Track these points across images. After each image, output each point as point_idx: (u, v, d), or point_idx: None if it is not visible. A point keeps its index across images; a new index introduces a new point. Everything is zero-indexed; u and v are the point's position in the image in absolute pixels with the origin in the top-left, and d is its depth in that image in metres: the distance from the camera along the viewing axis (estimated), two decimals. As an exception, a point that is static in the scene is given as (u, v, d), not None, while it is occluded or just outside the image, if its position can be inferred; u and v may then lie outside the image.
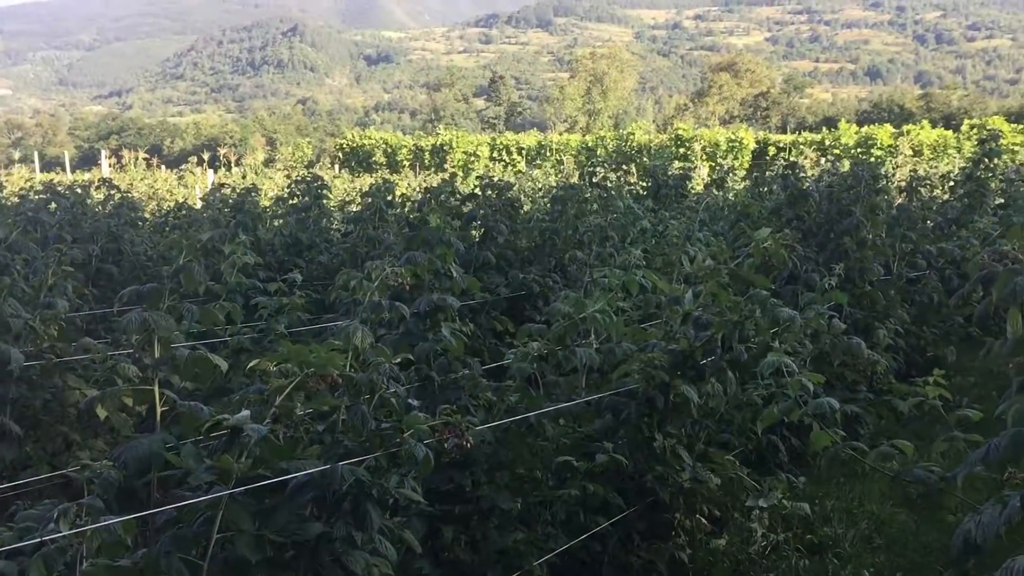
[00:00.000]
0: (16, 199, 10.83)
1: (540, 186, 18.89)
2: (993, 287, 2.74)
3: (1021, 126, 24.53)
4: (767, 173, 12.18)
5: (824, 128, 34.53)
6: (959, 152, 23.89)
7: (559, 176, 19.85)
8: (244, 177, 22.64)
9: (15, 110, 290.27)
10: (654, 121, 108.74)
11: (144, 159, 28.91)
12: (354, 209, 11.21)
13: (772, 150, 27.71)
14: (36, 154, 41.98)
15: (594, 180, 9.88)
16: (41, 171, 34.54)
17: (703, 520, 4.85)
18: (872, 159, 24.36)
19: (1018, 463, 2.36)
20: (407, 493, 3.18)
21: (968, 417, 3.80)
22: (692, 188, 14.17)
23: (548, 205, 10.81)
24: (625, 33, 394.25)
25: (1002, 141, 23.54)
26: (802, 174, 12.42)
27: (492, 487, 4.16)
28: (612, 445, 4.43)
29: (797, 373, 3.93)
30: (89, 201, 10.38)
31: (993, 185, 11.29)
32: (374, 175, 29.87)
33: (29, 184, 14.28)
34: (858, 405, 5.85)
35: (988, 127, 24.52)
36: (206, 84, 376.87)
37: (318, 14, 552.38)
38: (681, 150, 28.93)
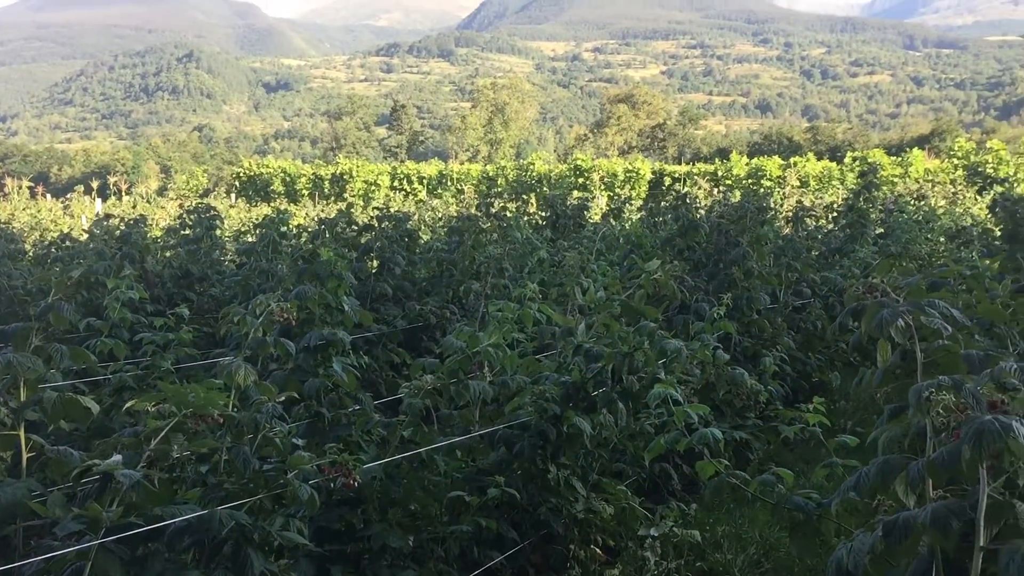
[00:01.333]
0: None
1: (440, 216, 18.89)
2: (862, 319, 2.84)
3: (899, 158, 25.83)
4: (662, 204, 12.46)
5: (717, 159, 35.58)
6: (842, 183, 24.97)
7: (459, 206, 19.89)
8: (135, 206, 21.93)
9: None
10: (555, 151, 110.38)
11: (28, 187, 27.74)
12: (249, 239, 10.99)
13: (668, 180, 28.41)
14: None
15: (492, 211, 9.92)
16: (-85, 200, 32.76)
17: (598, 550, 4.87)
18: (761, 190, 25.25)
19: (886, 490, 2.43)
20: (290, 536, 3.10)
21: (847, 443, 3.94)
22: (590, 218, 14.39)
23: (446, 235, 10.82)
24: (526, 64, 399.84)
25: (881, 173, 24.76)
26: (696, 204, 12.78)
27: (383, 525, 4.09)
28: (504, 479, 4.41)
29: (683, 404, 4.00)
30: (-36, 233, 9.90)
31: (873, 215, 11.82)
32: (272, 204, 29.38)
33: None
34: (747, 431, 5.98)
35: (868, 160, 25.75)
36: (96, 110, 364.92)
37: (215, 40, 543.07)
38: (580, 180, 29.40)
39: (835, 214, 12.40)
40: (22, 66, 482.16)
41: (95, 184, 27.64)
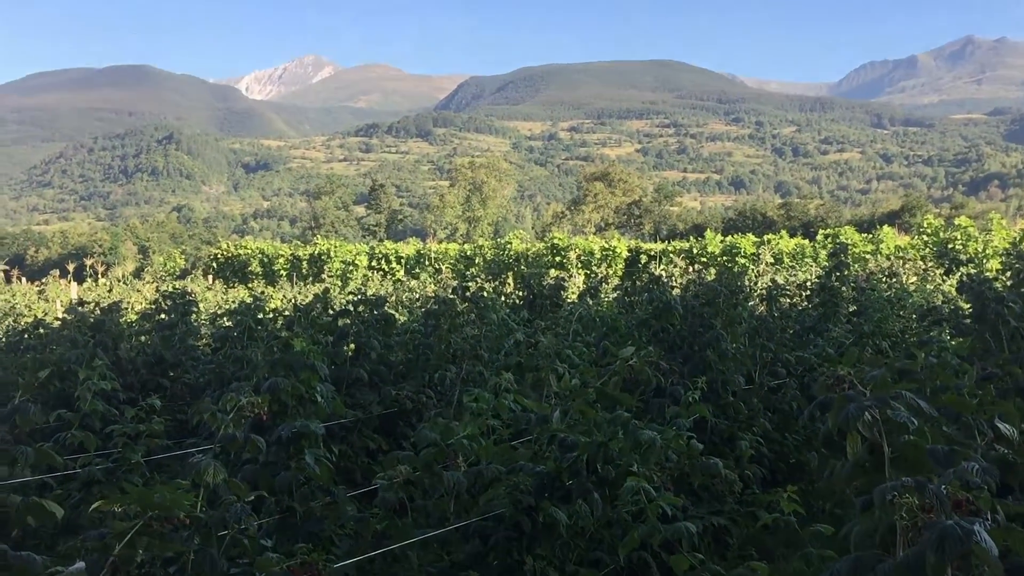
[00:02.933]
0: None
1: (418, 296, 18.92)
2: (830, 413, 2.86)
3: (870, 235, 26.30)
4: (637, 283, 12.55)
5: (693, 236, 36.05)
6: (815, 260, 25.31)
7: (437, 286, 19.95)
8: (110, 290, 21.84)
9: None
10: (533, 228, 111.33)
11: (4, 271, 27.62)
12: (225, 323, 10.93)
13: (644, 258, 28.67)
14: None
15: (467, 293, 9.95)
16: None
17: (576, 643, 4.78)
18: (736, 267, 25.52)
19: (858, 588, 2.41)
20: (258, 642, 3.03)
21: (822, 532, 3.92)
22: (567, 297, 14.45)
23: (423, 318, 10.83)
24: (503, 143, 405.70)
25: (853, 250, 25.15)
26: (671, 282, 12.87)
27: (356, 624, 4.01)
28: (479, 573, 4.35)
29: (658, 496, 3.98)
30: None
31: (845, 293, 11.95)
32: (250, 285, 29.33)
33: None
34: (725, 516, 5.94)
35: (839, 238, 26.16)
36: (75, 192, 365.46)
37: (195, 123, 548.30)
38: (557, 258, 29.62)
39: (808, 292, 12.52)
40: (1, 149, 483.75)
41: (71, 267, 27.56)
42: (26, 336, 10.64)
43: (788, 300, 12.59)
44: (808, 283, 14.23)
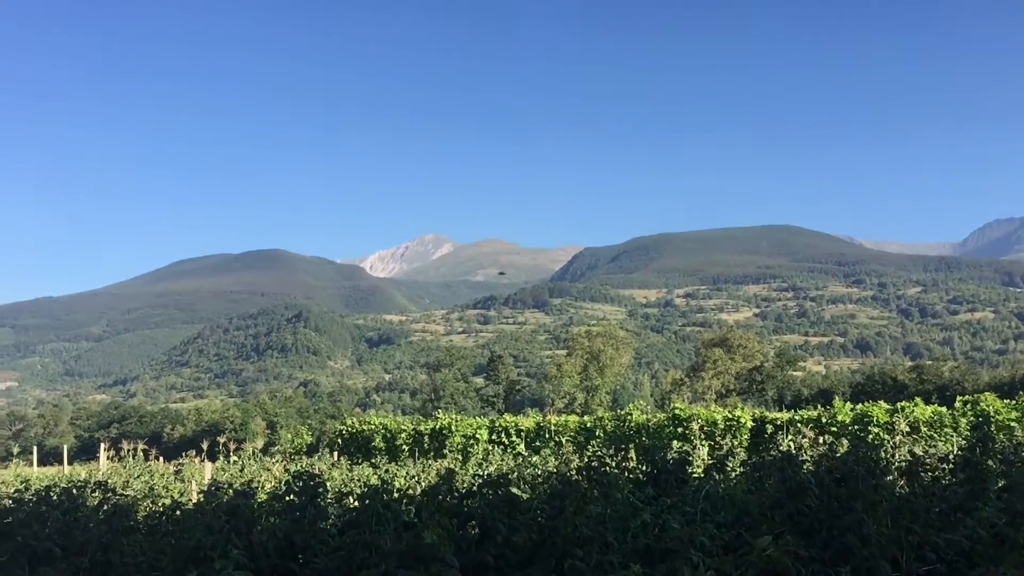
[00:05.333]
0: (9, 501, 10.75)
1: (540, 472, 18.76)
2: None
3: (1014, 401, 24.81)
4: (766, 457, 12.15)
5: (820, 404, 34.86)
6: (955, 430, 23.96)
7: (559, 461, 19.78)
8: (242, 469, 22.51)
9: (19, 402, 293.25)
10: (651, 395, 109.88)
11: (143, 450, 28.90)
12: (352, 502, 11.04)
13: (770, 428, 27.77)
14: (35, 447, 41.88)
15: (593, 476, 9.84)
16: (40, 463, 34.34)
17: None
18: (870, 436, 24.39)
19: None
20: None
21: None
22: (692, 472, 14.08)
23: (547, 493, 10.70)
24: (619, 312, 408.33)
25: (996, 417, 23.72)
26: (802, 456, 12.40)
27: None
28: None
29: None
30: (83, 503, 10.27)
31: (992, 465, 11.23)
32: (374, 461, 29.68)
33: (24, 484, 14.17)
34: None
35: (979, 405, 24.76)
36: (210, 370, 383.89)
37: (322, 300, 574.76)
38: (679, 429, 29.00)
39: (951, 465, 11.85)
40: (145, 331, 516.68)
41: (204, 445, 28.60)
42: (164, 519, 11.03)
43: (930, 475, 11.94)
44: (951, 456, 13.46)
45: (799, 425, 25.55)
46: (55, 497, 10.39)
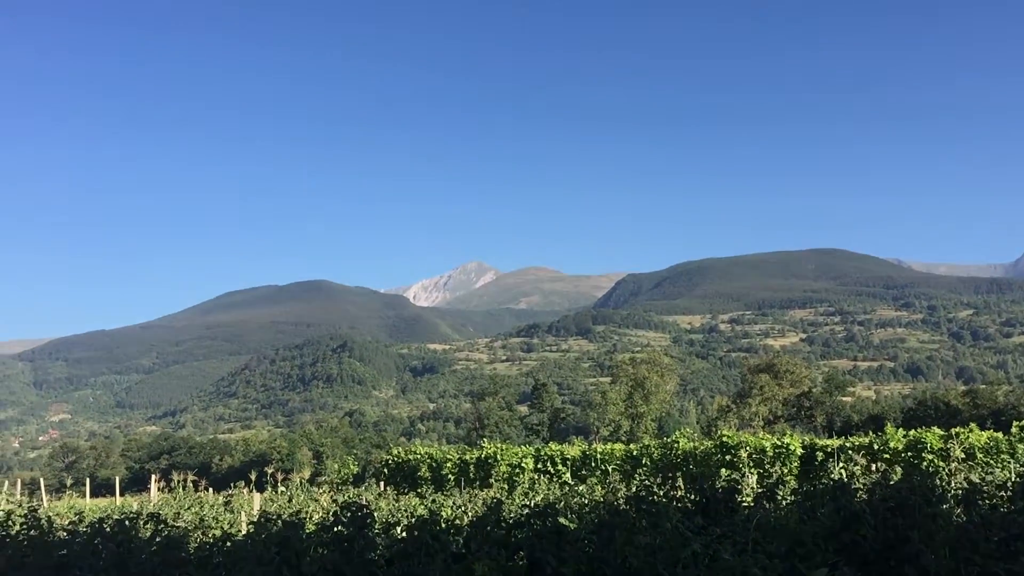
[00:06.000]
0: (64, 533, 10.97)
1: (587, 501, 18.63)
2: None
3: (1073, 425, 24.17)
4: (817, 486, 11.97)
5: (871, 430, 34.25)
6: (1012, 456, 23.34)
7: (606, 490, 19.64)
8: (290, 500, 22.68)
9: (72, 433, 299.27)
10: (698, 422, 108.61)
11: (193, 480, 29.22)
12: (399, 533, 11.05)
13: (820, 455, 27.30)
14: (88, 478, 42.59)
15: (641, 505, 9.77)
16: (92, 495, 34.87)
17: None
18: (923, 464, 23.86)
19: None
20: None
21: None
22: (742, 500, 13.89)
23: (595, 523, 10.64)
24: (663, 338, 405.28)
25: (1056, 443, 23.06)
26: (854, 485, 12.18)
27: None
28: None
29: None
30: (136, 535, 10.42)
31: (1054, 494, 10.92)
32: (420, 490, 29.70)
33: (78, 516, 14.43)
34: None
35: (1037, 432, 24.12)
36: (257, 400, 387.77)
37: (367, 331, 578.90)
38: (727, 457, 28.61)
39: (1010, 493, 11.56)
40: (194, 363, 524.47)
41: (253, 475, 28.87)
42: (215, 550, 11.14)
43: (988, 503, 11.66)
44: (1009, 483, 13.12)
45: (850, 452, 25.08)
46: (109, 529, 10.57)
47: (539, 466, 32.62)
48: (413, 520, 10.26)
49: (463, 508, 18.96)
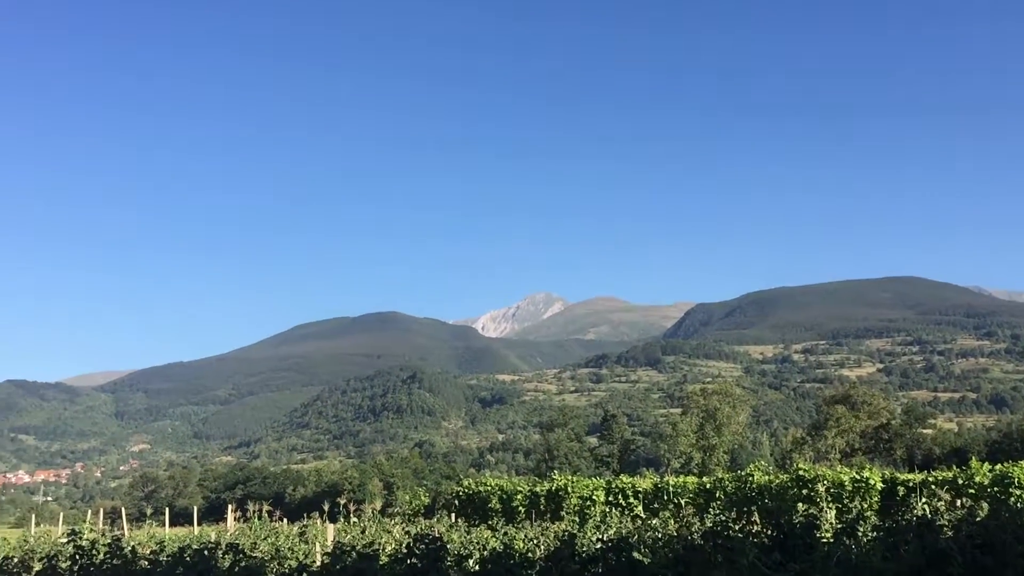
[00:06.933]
0: (146, 563, 11.29)
1: (660, 536, 18.38)
2: None
3: None
4: (900, 521, 11.63)
5: (954, 464, 33.16)
6: (1108, 491, 22.34)
7: (679, 524, 19.35)
8: (363, 531, 22.86)
9: (151, 463, 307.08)
10: (771, 455, 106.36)
11: (267, 511, 29.69)
12: (472, 566, 11.07)
13: (902, 490, 26.49)
14: (167, 508, 43.60)
15: (719, 541, 9.64)
16: (171, 523, 35.63)
17: None
18: (1011, 500, 22.96)
19: None
20: None
21: None
22: (820, 536, 13.56)
23: (670, 558, 10.52)
24: (734, 368, 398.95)
25: None
26: (939, 521, 11.79)
27: None
28: None
29: None
30: (215, 564, 10.66)
31: None
32: (490, 521, 29.62)
33: (160, 546, 14.79)
34: None
35: None
36: (329, 431, 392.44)
37: (436, 362, 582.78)
38: (804, 491, 27.95)
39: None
40: (268, 394, 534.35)
41: (326, 506, 29.22)
42: (293, 581, 11.30)
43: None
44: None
45: (933, 487, 24.29)
46: (189, 558, 10.82)
47: (610, 499, 32.29)
48: (486, 553, 10.29)
49: (535, 541, 18.86)
